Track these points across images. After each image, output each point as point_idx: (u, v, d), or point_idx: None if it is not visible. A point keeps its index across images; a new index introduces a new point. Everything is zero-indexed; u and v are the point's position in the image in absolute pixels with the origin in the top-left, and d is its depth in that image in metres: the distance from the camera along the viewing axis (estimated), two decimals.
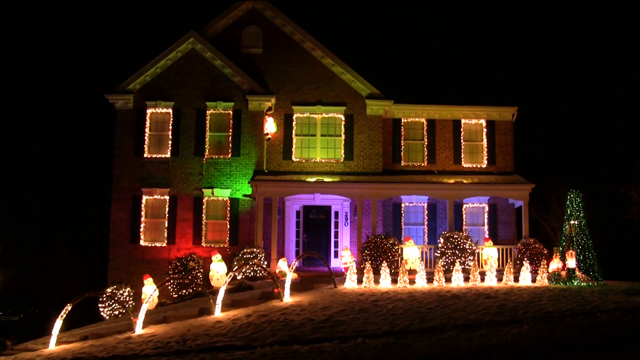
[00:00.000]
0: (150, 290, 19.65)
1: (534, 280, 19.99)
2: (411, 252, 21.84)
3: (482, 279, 19.76)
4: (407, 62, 29.26)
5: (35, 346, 15.92)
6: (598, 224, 27.26)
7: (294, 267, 19.11)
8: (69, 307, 16.01)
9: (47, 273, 35.30)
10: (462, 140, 26.40)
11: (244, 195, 24.58)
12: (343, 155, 25.63)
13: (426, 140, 26.39)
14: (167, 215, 24.64)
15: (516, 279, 20.11)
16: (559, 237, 20.85)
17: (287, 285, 17.88)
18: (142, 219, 24.61)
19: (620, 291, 17.54)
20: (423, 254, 23.00)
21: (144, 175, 24.82)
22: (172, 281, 21.71)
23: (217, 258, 22.19)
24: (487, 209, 26.02)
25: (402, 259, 21.70)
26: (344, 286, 19.19)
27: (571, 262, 19.86)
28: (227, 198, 24.69)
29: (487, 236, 25.17)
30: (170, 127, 25.14)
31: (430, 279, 19.49)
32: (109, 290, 22.46)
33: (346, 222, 25.72)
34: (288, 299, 17.44)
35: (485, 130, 26.50)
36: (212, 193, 24.66)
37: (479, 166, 26.28)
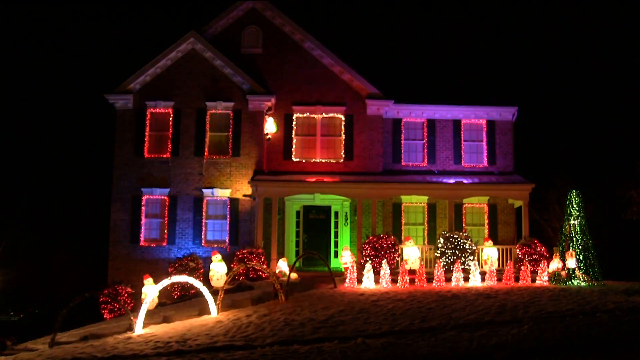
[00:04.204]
0: (150, 290, 19.64)
1: (534, 280, 20.01)
2: (411, 252, 21.82)
3: (482, 279, 19.78)
4: (407, 62, 29.27)
5: (35, 346, 15.87)
6: (598, 224, 27.26)
7: (294, 267, 19.11)
8: (69, 307, 16.00)
9: (48, 273, 35.32)
10: (462, 140, 26.42)
11: (244, 195, 24.59)
12: (343, 156, 25.64)
13: (426, 140, 26.42)
14: (167, 215, 24.65)
15: (516, 279, 20.12)
16: (559, 237, 20.87)
17: (287, 285, 17.89)
18: (142, 219, 24.62)
19: (620, 291, 17.56)
20: (423, 254, 23.01)
21: (144, 175, 24.82)
22: (172, 282, 21.70)
23: (217, 258, 22.17)
24: (487, 209, 26.03)
25: (402, 259, 21.71)
26: (344, 286, 19.20)
27: (571, 262, 19.90)
28: (227, 198, 24.70)
29: (487, 236, 25.18)
30: (170, 127, 25.14)
31: (430, 279, 19.50)
32: (109, 290, 22.47)
33: (346, 222, 25.72)
34: (287, 299, 17.44)
35: (485, 130, 26.52)
36: (212, 193, 24.66)
37: (479, 166, 26.29)
